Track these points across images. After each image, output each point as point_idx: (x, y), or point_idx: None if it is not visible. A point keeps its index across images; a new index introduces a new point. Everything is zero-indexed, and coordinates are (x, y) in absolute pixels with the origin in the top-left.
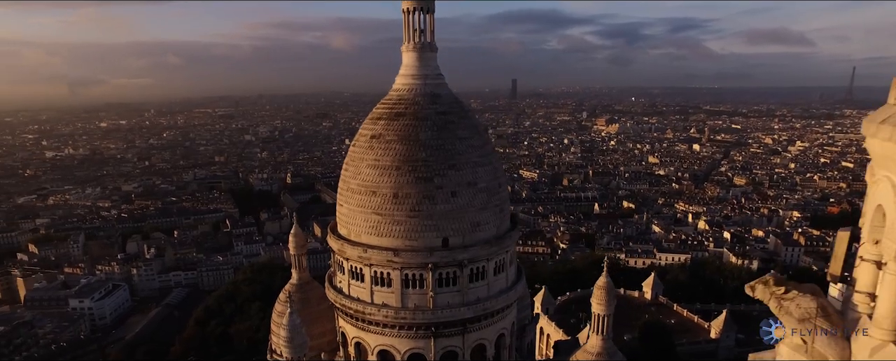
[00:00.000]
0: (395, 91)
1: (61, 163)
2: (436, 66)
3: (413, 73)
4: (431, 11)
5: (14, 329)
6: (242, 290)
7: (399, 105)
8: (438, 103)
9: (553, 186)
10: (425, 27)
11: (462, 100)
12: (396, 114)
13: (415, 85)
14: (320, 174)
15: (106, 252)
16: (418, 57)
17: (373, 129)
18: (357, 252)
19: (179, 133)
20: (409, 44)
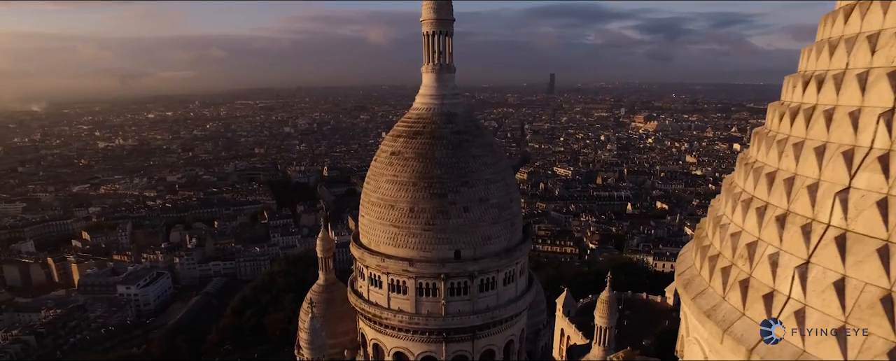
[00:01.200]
0: (414, 110)
1: (112, 153)
2: (453, 86)
3: (431, 93)
4: (450, 35)
5: (69, 312)
6: (277, 281)
7: (417, 124)
8: (454, 122)
9: (586, 184)
10: (444, 49)
11: (477, 119)
12: (415, 132)
13: (432, 104)
14: (356, 167)
15: (151, 240)
16: (437, 78)
17: (393, 146)
18: (376, 260)
19: (222, 124)
20: (428, 65)
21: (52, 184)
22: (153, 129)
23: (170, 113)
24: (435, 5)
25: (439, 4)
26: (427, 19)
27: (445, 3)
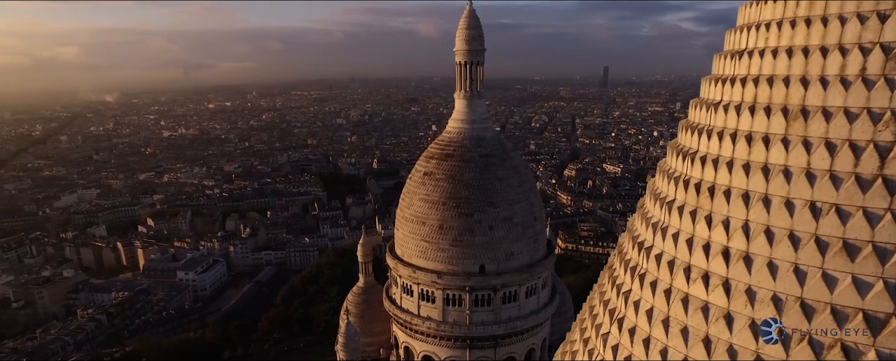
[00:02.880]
0: (447, 133)
1: (175, 142)
2: (484, 111)
3: (462, 118)
4: (482, 64)
5: (135, 295)
6: (325, 273)
7: (448, 147)
8: (483, 146)
9: (636, 182)
10: (475, 77)
11: (504, 142)
12: (446, 155)
13: (463, 129)
14: (405, 160)
15: (208, 228)
16: (468, 104)
17: (426, 167)
18: (408, 271)
19: (277, 115)
20: (460, 92)
21: (121, 172)
22: (213, 119)
23: (228, 103)
24: (467, 37)
25: (471, 36)
26: (460, 50)
27: (477, 35)
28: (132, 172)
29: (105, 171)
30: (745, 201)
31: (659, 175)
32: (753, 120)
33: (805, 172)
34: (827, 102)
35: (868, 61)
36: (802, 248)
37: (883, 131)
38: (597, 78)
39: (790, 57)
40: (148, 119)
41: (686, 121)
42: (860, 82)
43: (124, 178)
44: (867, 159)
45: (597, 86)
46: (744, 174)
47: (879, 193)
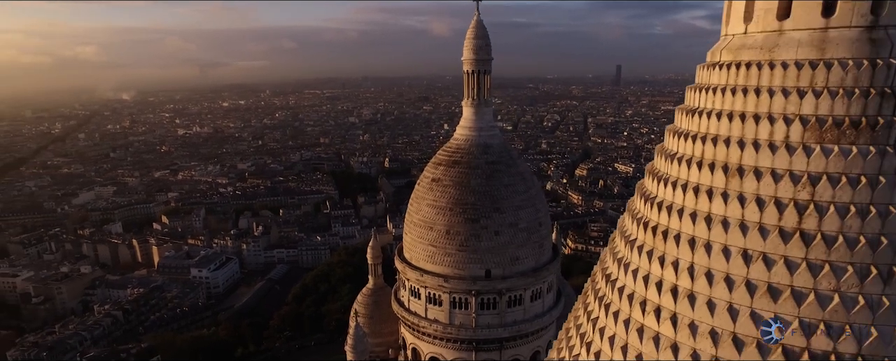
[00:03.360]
0: (454, 140)
1: (189, 140)
2: (490, 119)
3: (470, 126)
4: (489, 73)
5: (150, 292)
6: (336, 271)
7: (456, 154)
8: (489, 153)
9: None
10: (482, 85)
11: (510, 148)
12: (453, 162)
13: (470, 136)
14: (417, 159)
15: (221, 226)
16: (475, 112)
17: (434, 174)
18: (415, 275)
19: (290, 113)
20: (468, 100)
21: (137, 170)
22: (226, 118)
23: (242, 101)
24: (475, 47)
25: (479, 45)
26: (468, 59)
27: (484, 45)
28: (147, 170)
29: (121, 169)
30: (691, 246)
31: (626, 214)
32: (700, 174)
33: (740, 223)
34: (758, 163)
35: (790, 130)
36: (736, 290)
37: (801, 191)
38: (609, 76)
39: (730, 121)
40: (163, 117)
41: (651, 166)
42: (784, 148)
43: (140, 176)
44: (789, 214)
45: (609, 84)
46: (691, 222)
47: (797, 244)
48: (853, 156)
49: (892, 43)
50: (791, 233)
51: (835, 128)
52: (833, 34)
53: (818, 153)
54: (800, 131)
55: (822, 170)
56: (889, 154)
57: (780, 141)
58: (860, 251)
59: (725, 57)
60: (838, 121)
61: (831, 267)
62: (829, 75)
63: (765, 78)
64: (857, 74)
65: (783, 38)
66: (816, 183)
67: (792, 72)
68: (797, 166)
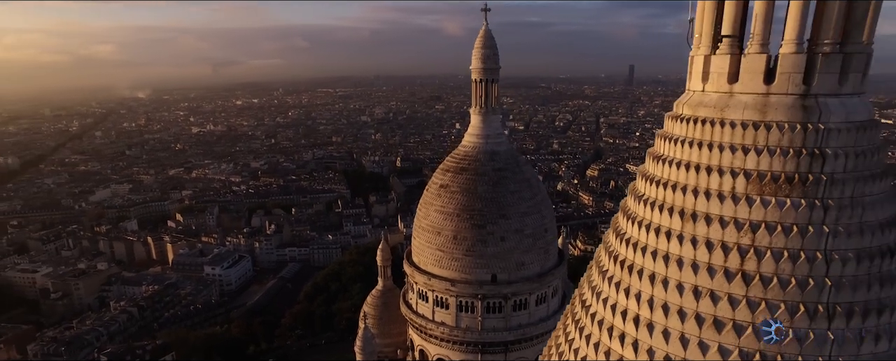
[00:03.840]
0: (462, 147)
1: (203, 138)
2: (498, 126)
3: (477, 133)
4: (496, 81)
5: (165, 289)
6: (347, 270)
7: (464, 161)
8: (496, 160)
9: None
10: (490, 93)
11: (517, 155)
12: (461, 168)
13: (478, 143)
14: (428, 158)
15: (234, 224)
16: (483, 119)
17: (442, 180)
18: (423, 278)
19: (303, 112)
20: (476, 107)
21: (152, 167)
22: (240, 116)
23: (256, 100)
24: (483, 56)
25: (487, 55)
26: (476, 68)
27: (492, 55)
28: (162, 168)
29: (137, 167)
30: (652, 280)
31: (601, 248)
32: (661, 217)
33: (692, 263)
34: (709, 210)
35: (736, 182)
36: (687, 321)
37: (744, 236)
38: (622, 76)
39: (687, 171)
40: (178, 115)
41: (624, 204)
42: (730, 198)
43: (155, 174)
44: (733, 257)
45: (622, 84)
46: (652, 259)
47: (739, 283)
48: (787, 207)
49: (820, 110)
50: (734, 274)
51: (772, 182)
52: (773, 99)
53: (758, 204)
54: (744, 184)
55: (761, 218)
56: (817, 207)
57: (728, 191)
58: (791, 290)
59: (686, 111)
60: (775, 177)
61: (767, 303)
62: (769, 136)
63: (716, 134)
64: (791, 136)
65: (732, 100)
66: (756, 230)
67: (738, 131)
68: (741, 214)
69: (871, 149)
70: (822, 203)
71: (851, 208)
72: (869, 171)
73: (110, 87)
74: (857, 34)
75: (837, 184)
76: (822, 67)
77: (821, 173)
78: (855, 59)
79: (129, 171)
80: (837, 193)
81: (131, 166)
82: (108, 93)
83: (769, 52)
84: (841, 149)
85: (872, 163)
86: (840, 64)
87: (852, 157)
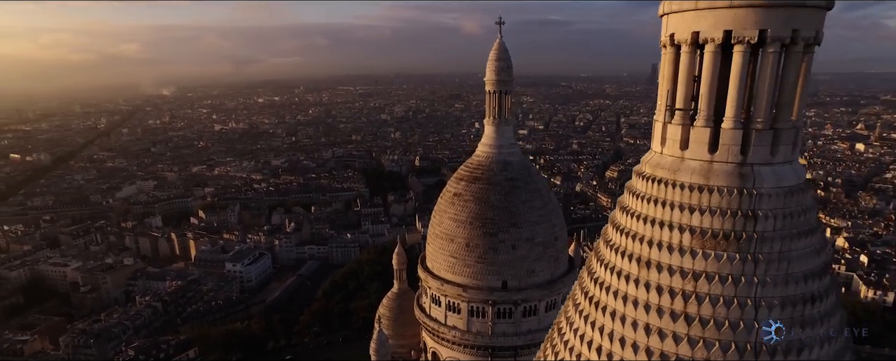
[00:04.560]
0: (475, 157)
1: (225, 135)
2: (511, 137)
3: (491, 143)
4: (509, 93)
5: (188, 285)
6: (365, 269)
7: (477, 170)
8: (508, 170)
9: None
10: (503, 105)
11: (530, 165)
12: (474, 177)
13: (491, 153)
14: (447, 158)
15: (255, 221)
16: (496, 130)
17: (455, 188)
18: (436, 284)
19: (323, 110)
20: (490, 118)
21: (176, 164)
22: (261, 114)
23: (277, 98)
24: (497, 68)
25: (500, 67)
26: (490, 80)
27: (506, 67)
28: (186, 165)
29: (161, 163)
30: (613, 317)
31: (576, 285)
32: (623, 262)
33: (645, 304)
34: (661, 260)
35: (683, 237)
36: (639, 353)
37: (688, 284)
38: (644, 75)
39: (645, 223)
40: (201, 112)
41: (597, 245)
42: (678, 250)
43: (178, 171)
44: (678, 301)
45: (644, 83)
46: (613, 298)
47: (682, 323)
48: (724, 260)
49: (754, 177)
50: (679, 315)
51: (712, 238)
52: (715, 166)
53: (700, 256)
54: (689, 238)
55: (702, 269)
56: (748, 260)
57: (676, 244)
58: (725, 331)
59: (648, 170)
60: (715, 233)
61: (704, 341)
62: (711, 198)
63: (669, 194)
64: (729, 199)
65: (683, 164)
66: (698, 279)
67: (686, 192)
68: (686, 265)
69: (799, 211)
70: (754, 257)
71: (778, 262)
72: (796, 230)
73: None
74: (786, 114)
75: (767, 241)
76: (756, 141)
77: (753, 232)
78: (784, 134)
79: (154, 168)
80: (767, 249)
81: (156, 163)
82: (134, 90)
83: (713, 126)
84: (771, 211)
85: (800, 223)
86: (771, 138)
87: (781, 218)
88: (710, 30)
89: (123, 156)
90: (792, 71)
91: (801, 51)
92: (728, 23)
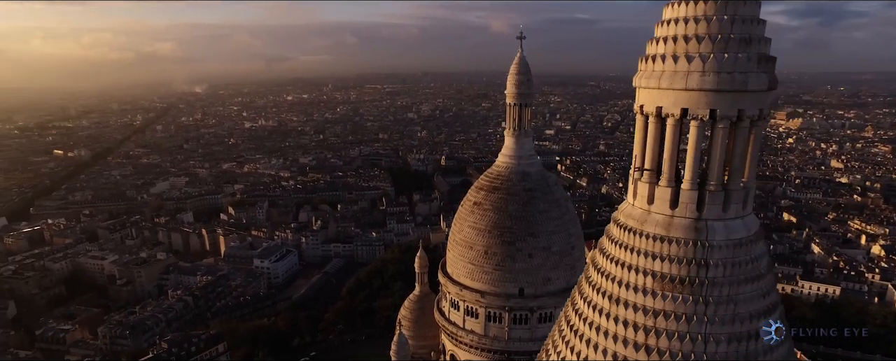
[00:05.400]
0: (495, 167)
1: (255, 133)
2: (530, 148)
3: (510, 154)
4: (529, 106)
5: (217, 280)
6: (389, 268)
7: (497, 180)
8: (527, 180)
9: None
10: (523, 117)
11: (548, 176)
12: (494, 187)
13: (510, 164)
14: (472, 158)
15: (283, 219)
16: (516, 141)
17: (476, 198)
18: (456, 289)
19: (350, 108)
20: (510, 130)
21: (207, 161)
22: (290, 111)
23: (306, 95)
24: (517, 82)
25: (520, 81)
26: (510, 93)
27: (526, 80)
28: (216, 161)
29: (193, 160)
30: (587, 344)
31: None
32: (598, 297)
33: (613, 335)
34: (627, 298)
35: (646, 280)
36: None
37: (649, 320)
38: None
39: (617, 265)
40: (232, 110)
41: (580, 281)
42: (642, 291)
43: (209, 167)
44: (640, 334)
45: None
46: (589, 328)
47: (643, 354)
48: (679, 301)
49: (707, 231)
50: (640, 345)
51: (670, 282)
52: (675, 220)
53: (660, 297)
54: (651, 281)
55: (661, 308)
56: (700, 302)
57: (641, 285)
58: None
59: (622, 219)
60: (672, 278)
61: None
62: (671, 248)
63: (637, 242)
64: (686, 249)
65: (649, 217)
66: (657, 316)
67: (651, 241)
68: (648, 303)
69: (747, 260)
70: (704, 299)
71: (726, 304)
72: (743, 276)
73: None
74: (737, 177)
75: (717, 286)
76: (710, 200)
77: (705, 278)
78: (734, 194)
79: (186, 165)
80: (716, 293)
81: (188, 159)
82: (168, 87)
83: (674, 186)
84: (721, 261)
85: (747, 270)
86: (723, 198)
87: (730, 266)
88: (670, 106)
89: (157, 153)
90: (740, 142)
91: (748, 126)
92: (684, 102)
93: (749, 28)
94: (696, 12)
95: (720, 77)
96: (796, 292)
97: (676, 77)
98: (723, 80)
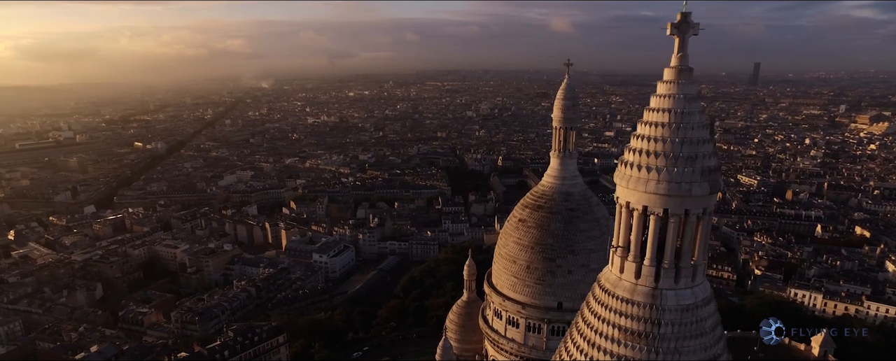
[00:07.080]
0: (540, 186)
1: (317, 128)
2: (574, 169)
3: (555, 175)
4: (574, 129)
5: (278, 272)
6: (442, 268)
7: (541, 200)
8: (570, 200)
9: (772, 197)
10: (568, 139)
11: (590, 196)
12: (538, 206)
13: (555, 184)
14: (530, 159)
15: (341, 215)
16: (560, 162)
17: (521, 215)
18: (499, 299)
19: (410, 105)
20: (555, 151)
21: (271, 156)
22: (352, 107)
23: (367, 92)
24: (563, 107)
25: (566, 106)
26: (557, 117)
27: (572, 106)
28: (280, 156)
29: (258, 154)
30: None
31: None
32: (581, 341)
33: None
34: (600, 343)
35: (614, 331)
36: None
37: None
38: (746, 75)
39: (596, 319)
40: (296, 105)
41: (575, 321)
42: (614, 340)
43: (273, 162)
44: None
45: (745, 84)
46: (579, 354)
47: None
48: (637, 349)
49: (662, 297)
50: None
51: (632, 335)
52: (638, 288)
53: (624, 346)
54: (618, 333)
55: (624, 354)
56: (653, 352)
57: (610, 335)
58: None
59: (603, 280)
60: (633, 332)
61: None
62: (633, 308)
63: (610, 301)
64: (644, 311)
65: (620, 282)
66: None
67: (620, 302)
68: (614, 349)
69: (693, 321)
70: (656, 350)
71: (674, 354)
72: (689, 333)
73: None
74: (687, 258)
75: (667, 340)
76: (664, 274)
77: (658, 333)
78: (684, 270)
79: (252, 159)
80: (665, 345)
81: (253, 153)
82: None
83: (638, 262)
84: (671, 321)
85: (692, 329)
86: (674, 273)
87: (678, 326)
88: (636, 202)
89: (226, 146)
90: (689, 232)
91: (694, 220)
92: (646, 201)
93: (695, 148)
94: (657, 134)
95: (670, 185)
96: (861, 313)
97: (640, 182)
98: (672, 188)
